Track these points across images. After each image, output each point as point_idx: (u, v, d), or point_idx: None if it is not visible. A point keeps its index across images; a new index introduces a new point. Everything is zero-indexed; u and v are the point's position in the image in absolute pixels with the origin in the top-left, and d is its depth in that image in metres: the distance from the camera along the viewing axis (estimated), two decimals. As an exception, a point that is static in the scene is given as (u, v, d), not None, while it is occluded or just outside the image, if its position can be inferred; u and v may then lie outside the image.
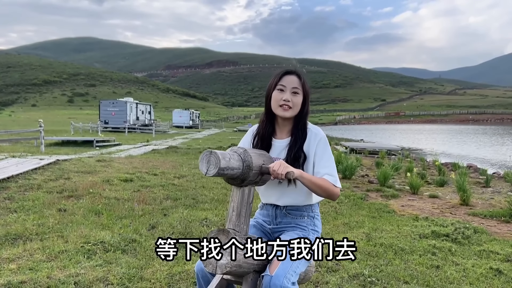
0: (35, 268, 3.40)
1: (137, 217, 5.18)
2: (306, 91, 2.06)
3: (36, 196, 6.08)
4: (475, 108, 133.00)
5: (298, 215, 2.12)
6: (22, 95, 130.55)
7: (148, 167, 9.89)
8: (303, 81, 2.06)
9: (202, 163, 1.70)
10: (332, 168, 2.01)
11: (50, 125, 33.43)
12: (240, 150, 1.82)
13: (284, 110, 2.02)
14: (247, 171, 1.78)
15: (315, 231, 2.15)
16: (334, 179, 1.97)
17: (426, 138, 42.33)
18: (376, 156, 17.94)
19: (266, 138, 2.10)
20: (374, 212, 6.14)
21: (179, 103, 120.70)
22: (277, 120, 2.12)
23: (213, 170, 1.66)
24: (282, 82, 2.03)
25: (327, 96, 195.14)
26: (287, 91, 2.02)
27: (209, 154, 1.68)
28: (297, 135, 2.05)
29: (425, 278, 3.52)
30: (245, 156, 1.79)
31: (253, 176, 1.82)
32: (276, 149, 2.09)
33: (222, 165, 1.66)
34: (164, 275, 3.36)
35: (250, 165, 1.78)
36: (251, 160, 1.79)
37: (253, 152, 1.86)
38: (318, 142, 2.05)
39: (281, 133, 2.12)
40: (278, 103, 2.02)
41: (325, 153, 2.03)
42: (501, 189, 9.66)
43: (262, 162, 1.87)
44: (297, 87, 2.03)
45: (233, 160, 1.74)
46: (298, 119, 2.07)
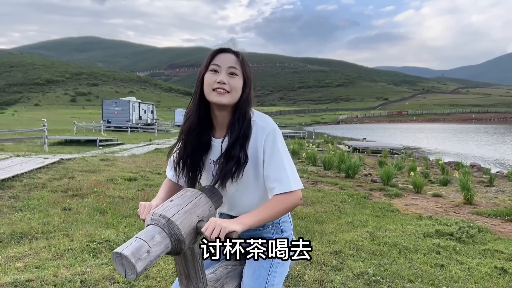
0: (42, 266, 3.42)
1: (141, 216, 5.19)
2: (247, 73, 1.65)
3: (41, 195, 6.11)
4: (478, 107, 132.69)
5: (260, 226, 1.71)
6: (25, 94, 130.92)
7: (152, 166, 9.92)
8: (242, 59, 1.64)
9: (117, 265, 1.29)
10: (282, 168, 1.60)
11: (53, 125, 33.50)
12: (162, 222, 1.38)
13: (219, 94, 1.58)
14: (178, 245, 1.40)
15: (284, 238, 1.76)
16: (286, 185, 1.58)
17: (427, 137, 42.35)
18: (379, 155, 17.94)
19: (201, 136, 1.68)
20: (378, 211, 6.14)
21: (181, 102, 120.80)
22: (213, 113, 1.67)
23: (132, 275, 1.26)
24: (216, 61, 1.62)
25: (329, 95, 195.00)
26: (222, 72, 1.60)
27: (120, 257, 1.25)
28: (234, 127, 1.62)
29: (429, 277, 3.52)
30: (170, 229, 1.37)
31: (190, 242, 1.44)
32: (216, 150, 1.68)
33: (140, 268, 1.26)
34: (170, 274, 3.37)
35: (180, 238, 1.38)
36: (179, 232, 1.38)
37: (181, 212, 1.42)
38: (266, 137, 1.62)
39: (220, 130, 1.69)
40: (211, 86, 1.59)
41: (274, 151, 1.61)
42: (504, 188, 9.64)
43: (197, 218, 1.45)
44: (235, 66, 1.61)
45: (155, 245, 1.33)
46: (236, 108, 1.64)
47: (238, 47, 1.70)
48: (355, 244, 4.36)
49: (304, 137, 34.58)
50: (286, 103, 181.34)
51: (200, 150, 1.68)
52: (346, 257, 3.96)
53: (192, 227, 1.42)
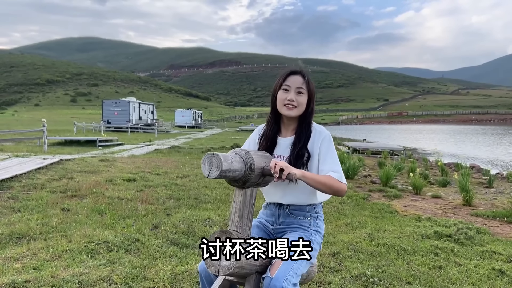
0: (39, 267, 3.42)
1: (140, 217, 5.20)
2: (311, 90, 2.10)
3: (39, 196, 6.11)
4: (478, 108, 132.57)
5: (301, 215, 2.13)
6: (25, 94, 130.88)
7: (151, 167, 9.92)
8: (308, 80, 2.09)
9: (204, 166, 1.69)
10: (336, 164, 2.03)
11: (53, 125, 33.53)
12: (242, 152, 1.81)
13: (289, 109, 2.06)
14: (249, 173, 1.78)
15: (318, 232, 2.15)
16: (339, 175, 1.98)
17: (424, 137, 42.52)
18: (378, 156, 17.92)
19: (271, 137, 2.14)
20: (377, 212, 6.14)
21: (182, 103, 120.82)
22: (282, 119, 2.16)
23: (215, 173, 1.67)
24: (287, 82, 2.07)
25: (329, 96, 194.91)
26: (291, 91, 2.06)
27: (211, 157, 1.68)
28: (301, 133, 2.09)
29: (427, 278, 3.52)
30: (247, 158, 1.79)
31: (255, 177, 1.82)
32: (280, 147, 2.13)
33: (224, 167, 1.66)
34: (167, 275, 3.37)
35: (252, 167, 1.78)
36: (253, 162, 1.79)
37: (255, 154, 1.87)
38: (322, 140, 2.07)
39: (286, 132, 2.16)
40: (283, 102, 2.06)
41: (329, 151, 2.06)
42: (504, 190, 9.64)
43: (264, 164, 1.86)
44: (302, 86, 2.07)
45: (235, 162, 1.74)
46: (303, 118, 2.11)
47: (304, 69, 2.16)
48: (353, 245, 4.36)
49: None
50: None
51: (269, 146, 2.14)
52: (344, 258, 3.96)
53: (261, 166, 1.83)
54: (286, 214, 2.15)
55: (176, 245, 4.16)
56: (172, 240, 4.29)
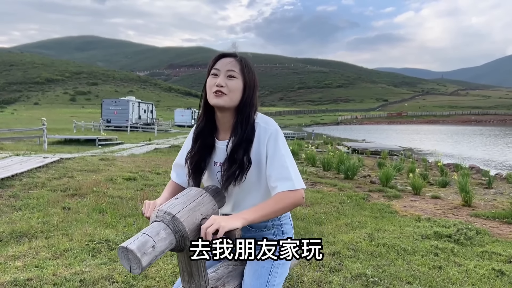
0: (41, 265, 3.43)
1: (141, 216, 5.21)
2: (248, 76, 1.68)
3: (40, 194, 6.12)
4: (477, 109, 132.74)
5: (262, 227, 1.78)
6: (25, 93, 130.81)
7: (151, 166, 9.93)
8: (244, 63, 1.68)
9: (122, 260, 1.32)
10: (285, 167, 1.62)
11: (52, 124, 33.49)
12: (167, 218, 1.41)
13: (217, 96, 1.63)
14: (182, 241, 1.42)
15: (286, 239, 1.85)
16: (290, 184, 1.60)
17: (422, 138, 42.86)
18: (378, 156, 17.96)
19: (206, 138, 1.74)
20: (377, 213, 6.16)
21: (181, 102, 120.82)
22: (217, 117, 1.73)
23: (137, 270, 1.29)
24: (216, 66, 1.67)
25: (329, 96, 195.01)
26: (221, 75, 1.65)
27: (126, 252, 1.28)
28: (236, 132, 1.66)
29: (427, 278, 3.53)
30: (175, 226, 1.40)
31: (193, 239, 1.45)
32: (220, 152, 1.72)
33: (145, 263, 1.28)
34: (168, 273, 3.39)
35: (184, 234, 1.41)
36: (184, 229, 1.40)
37: (185, 209, 1.45)
38: (268, 138, 1.65)
39: (224, 132, 1.74)
40: (211, 90, 1.65)
41: (277, 151, 1.64)
42: (503, 190, 9.66)
43: (200, 216, 1.47)
44: (233, 69, 1.65)
45: (160, 241, 1.35)
46: (239, 111, 1.68)
47: (239, 51, 1.75)
48: (353, 245, 4.38)
49: (303, 138, 34.61)
50: (286, 104, 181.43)
51: (204, 151, 1.74)
52: (345, 258, 3.97)
53: (196, 224, 1.44)
54: (245, 229, 1.78)
55: (177, 244, 4.16)
56: (173, 239, 4.30)
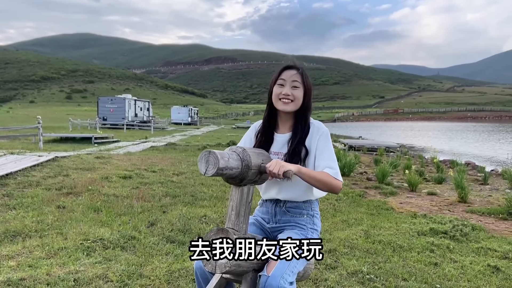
0: (35, 265, 3.40)
1: (136, 214, 5.19)
2: (307, 85, 2.06)
3: (35, 193, 6.08)
4: (473, 105, 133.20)
5: (298, 213, 2.11)
6: (20, 91, 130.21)
7: (147, 164, 9.89)
8: (303, 74, 2.05)
9: (201, 163, 1.69)
10: (333, 161, 2.00)
11: (48, 122, 33.36)
12: (239, 150, 1.80)
13: (284, 104, 2.03)
14: (246, 170, 1.77)
15: (314, 229, 2.15)
16: (335, 172, 1.96)
17: (415, 135, 43.45)
18: (374, 153, 17.96)
19: (268, 133, 2.12)
20: (373, 209, 6.16)
21: (178, 100, 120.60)
22: (279, 115, 2.12)
23: (211, 170, 1.66)
24: (282, 77, 2.05)
25: (325, 93, 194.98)
26: (286, 85, 2.03)
27: (208, 154, 1.67)
28: (297, 129, 2.05)
29: (423, 275, 3.53)
30: (244, 156, 1.78)
31: (252, 175, 1.81)
32: (277, 143, 2.10)
33: (221, 165, 1.65)
34: (164, 272, 3.37)
35: (249, 164, 1.77)
36: (250, 160, 1.78)
37: (252, 151, 1.85)
38: (320, 136, 2.05)
39: (284, 128, 2.12)
40: (278, 97, 2.04)
41: (326, 147, 2.03)
42: (499, 187, 9.68)
43: (261, 161, 1.85)
44: (297, 80, 2.03)
45: (232, 159, 1.72)
46: (299, 113, 2.07)
47: (299, 63, 2.12)
48: (349, 242, 4.37)
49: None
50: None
51: (266, 143, 2.11)
52: (341, 255, 3.96)
53: (258, 164, 1.83)
54: (282, 212, 2.13)
55: (172, 243, 4.15)
56: (168, 238, 4.28)
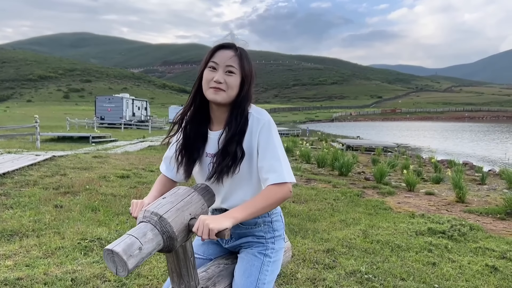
0: (32, 264, 3.39)
1: (134, 214, 5.16)
2: (246, 70, 1.65)
3: (32, 192, 6.06)
4: (471, 106, 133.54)
5: (252, 223, 1.75)
6: (17, 90, 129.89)
7: (145, 163, 9.87)
8: (241, 56, 1.65)
9: (108, 262, 1.28)
10: (276, 159, 1.59)
11: (45, 121, 33.27)
12: (154, 219, 1.37)
13: (215, 92, 1.60)
14: (170, 242, 1.38)
15: (275, 237, 1.80)
16: (278, 175, 1.57)
17: (411, 134, 43.74)
18: (372, 153, 17.99)
19: (200, 128, 1.71)
20: (371, 209, 6.16)
21: (176, 99, 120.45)
22: (211, 107, 1.70)
23: (123, 272, 1.25)
24: (215, 59, 1.62)
25: (323, 93, 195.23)
26: (219, 70, 1.61)
27: (111, 254, 1.24)
28: (231, 124, 1.63)
29: (421, 275, 3.53)
30: (163, 227, 1.36)
31: (182, 240, 1.42)
32: (212, 142, 1.70)
33: (131, 265, 1.24)
34: (161, 272, 3.36)
35: (172, 235, 1.37)
36: (171, 229, 1.36)
37: (173, 209, 1.40)
38: (260, 129, 1.63)
39: (218, 123, 1.71)
40: (208, 84, 1.61)
41: (269, 142, 1.62)
42: (496, 186, 9.71)
43: (189, 216, 1.43)
44: (233, 65, 1.62)
45: (147, 243, 1.31)
46: (235, 105, 1.65)
47: (238, 43, 1.69)
48: (347, 242, 4.37)
49: (298, 134, 34.65)
50: (281, 101, 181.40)
51: (197, 141, 1.71)
52: (339, 255, 3.96)
53: (184, 224, 1.40)
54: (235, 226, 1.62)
55: (170, 242, 4.13)
56: (166, 237, 4.27)
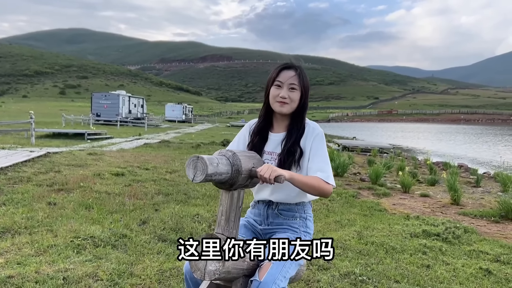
0: (23, 262, 3.35)
1: (128, 212, 5.14)
2: (305, 86, 2.04)
3: (25, 189, 6.01)
4: (467, 108, 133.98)
5: (290, 216, 2.09)
6: (13, 85, 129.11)
7: (140, 161, 9.83)
8: (301, 75, 2.03)
9: (189, 169, 1.62)
10: (326, 164, 1.99)
11: (41, 117, 33.08)
12: (228, 154, 1.74)
13: (281, 106, 2.01)
14: (236, 175, 1.71)
15: (307, 232, 2.11)
16: (326, 175, 1.94)
17: (404, 136, 44.09)
18: (368, 154, 18.00)
19: (262, 132, 2.10)
20: (366, 210, 6.15)
21: (172, 97, 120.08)
22: (275, 115, 2.10)
23: (200, 177, 1.59)
24: (280, 78, 2.02)
25: (320, 93, 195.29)
26: (284, 87, 2.01)
27: (196, 160, 1.60)
28: (292, 129, 2.04)
29: (415, 277, 3.53)
30: (234, 160, 1.71)
31: (243, 180, 1.75)
32: (272, 142, 2.08)
33: (210, 171, 1.58)
34: (155, 271, 3.33)
35: (239, 169, 1.71)
36: (240, 164, 1.72)
37: (242, 155, 1.79)
38: (314, 137, 2.03)
39: (278, 128, 2.10)
40: (275, 99, 2.02)
41: (320, 149, 2.01)
42: (491, 189, 9.74)
43: (252, 165, 1.79)
44: (294, 82, 2.01)
45: (221, 164, 1.66)
46: (295, 114, 2.06)
47: (297, 63, 2.09)
48: (342, 243, 4.36)
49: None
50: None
51: (260, 141, 2.09)
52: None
53: (249, 168, 1.76)
54: (274, 214, 2.10)
55: (164, 241, 4.11)
56: (160, 236, 4.25)
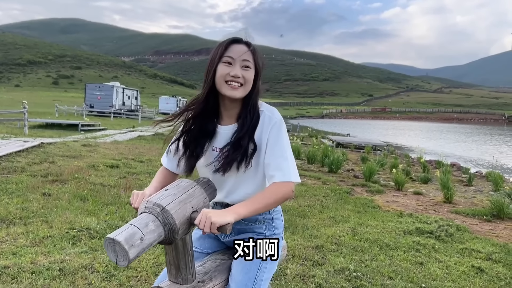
0: (19, 253, 3.34)
1: (123, 204, 5.13)
2: (259, 65, 1.65)
3: (19, 179, 5.97)
4: (460, 107, 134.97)
5: (253, 220, 1.76)
6: (5, 74, 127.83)
7: (134, 153, 9.80)
8: (255, 51, 1.65)
9: (108, 252, 1.27)
10: (284, 158, 1.61)
11: (33, 107, 32.77)
12: (156, 210, 1.36)
13: (233, 88, 1.59)
14: (171, 235, 1.38)
15: (275, 235, 1.82)
16: (283, 174, 1.58)
17: (396, 133, 44.59)
18: (362, 151, 18.09)
19: (207, 124, 1.69)
20: (360, 207, 6.20)
21: (166, 90, 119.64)
22: (223, 102, 1.68)
23: (123, 262, 1.24)
24: (229, 53, 1.60)
25: (315, 89, 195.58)
26: (235, 64, 1.59)
27: (112, 243, 1.24)
28: (244, 120, 1.64)
29: (409, 274, 3.57)
30: (165, 218, 1.35)
31: (182, 232, 1.42)
32: (221, 137, 1.69)
33: (132, 255, 1.23)
34: (151, 264, 3.34)
35: (174, 227, 1.36)
36: (173, 221, 1.36)
37: (175, 202, 1.40)
38: (272, 127, 1.64)
39: (229, 118, 1.70)
40: (224, 78, 1.59)
41: (278, 141, 1.63)
42: (483, 188, 9.83)
43: (191, 209, 1.43)
44: (248, 59, 1.61)
45: (149, 232, 1.31)
46: (247, 99, 1.66)
47: (249, 37, 1.68)
48: (336, 239, 4.39)
49: (288, 130, 34.62)
50: (272, 95, 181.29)
51: (203, 136, 1.70)
52: (328, 252, 3.98)
53: (186, 217, 1.41)
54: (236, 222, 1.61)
55: (159, 234, 4.11)
56: (155, 229, 4.24)
